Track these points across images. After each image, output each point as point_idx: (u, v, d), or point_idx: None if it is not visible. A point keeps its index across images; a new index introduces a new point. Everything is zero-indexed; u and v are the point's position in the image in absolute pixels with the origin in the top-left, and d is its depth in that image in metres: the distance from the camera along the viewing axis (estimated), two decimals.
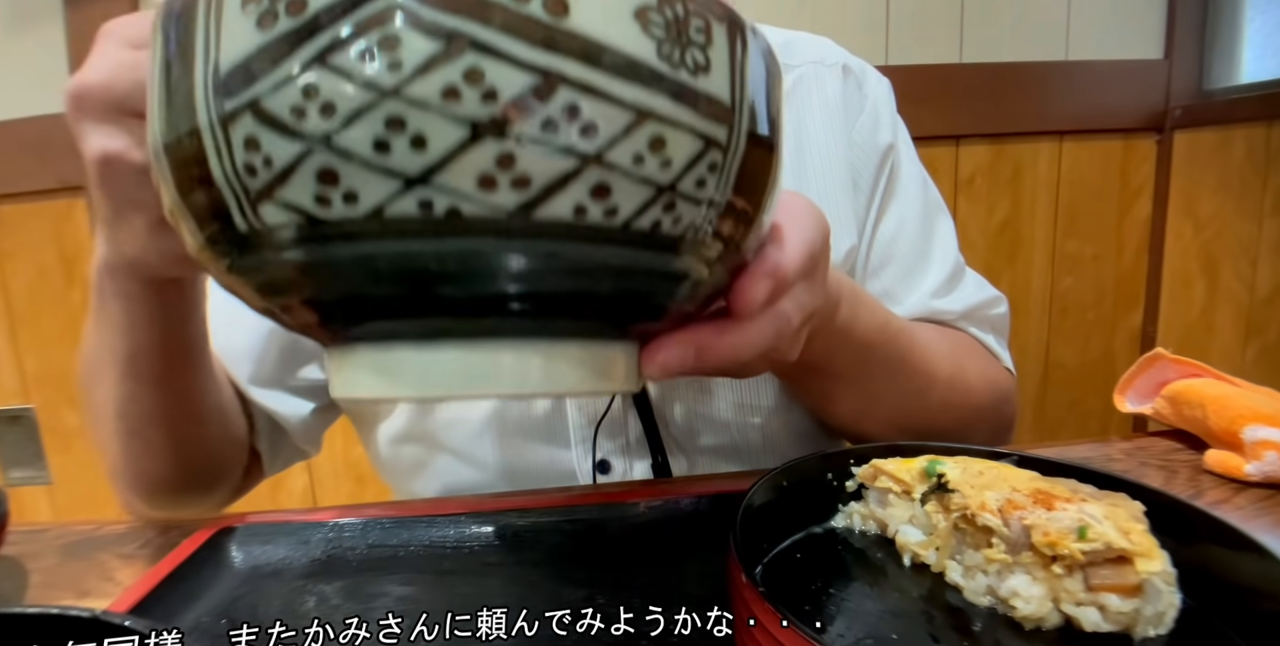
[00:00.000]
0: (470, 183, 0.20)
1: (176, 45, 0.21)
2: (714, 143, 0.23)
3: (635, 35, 0.20)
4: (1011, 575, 0.33)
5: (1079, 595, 0.31)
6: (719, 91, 0.23)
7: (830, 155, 0.61)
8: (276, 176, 0.20)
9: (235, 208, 0.21)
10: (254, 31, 0.19)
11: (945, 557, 0.36)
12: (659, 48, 0.21)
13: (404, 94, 0.19)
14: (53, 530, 0.48)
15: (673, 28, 0.21)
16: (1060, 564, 0.31)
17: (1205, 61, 1.40)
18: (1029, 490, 0.35)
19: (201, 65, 0.20)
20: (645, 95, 0.21)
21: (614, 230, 0.22)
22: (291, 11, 0.19)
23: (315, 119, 0.19)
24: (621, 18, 0.20)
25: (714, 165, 0.23)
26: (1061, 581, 0.31)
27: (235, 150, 0.20)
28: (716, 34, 0.23)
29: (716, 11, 0.23)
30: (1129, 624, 0.31)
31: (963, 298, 0.62)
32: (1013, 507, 0.34)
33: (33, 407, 1.36)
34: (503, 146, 0.19)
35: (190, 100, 0.21)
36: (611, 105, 0.20)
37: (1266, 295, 1.45)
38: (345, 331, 0.25)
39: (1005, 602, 0.33)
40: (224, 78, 0.20)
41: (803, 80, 0.63)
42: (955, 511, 0.35)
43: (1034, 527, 0.32)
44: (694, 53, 0.22)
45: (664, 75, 0.21)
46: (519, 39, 0.19)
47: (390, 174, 0.19)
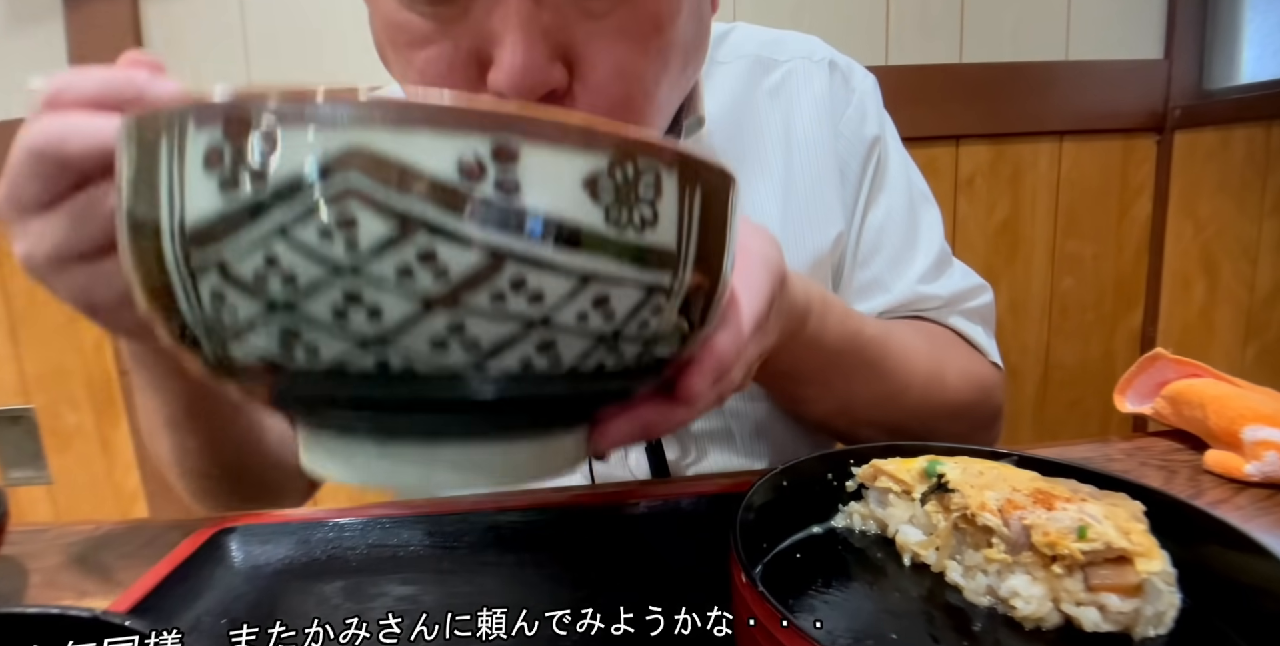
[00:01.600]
0: (423, 345, 0.21)
1: (142, 182, 0.22)
2: (658, 289, 0.24)
3: (584, 205, 0.21)
4: (1011, 575, 0.33)
5: (1079, 595, 0.31)
6: (666, 242, 0.23)
7: (818, 148, 0.63)
8: (241, 327, 0.21)
9: (203, 339, 0.22)
10: (217, 195, 0.20)
11: (945, 557, 0.36)
12: (607, 214, 0.21)
13: (361, 272, 0.20)
14: (53, 530, 0.48)
15: (622, 190, 0.22)
16: (1060, 564, 0.31)
17: (1205, 61, 1.39)
18: (1029, 490, 0.35)
19: (167, 212, 0.21)
20: (591, 261, 0.22)
21: (560, 374, 0.23)
22: (252, 181, 0.19)
23: (277, 286, 0.20)
24: (571, 191, 0.21)
25: (658, 308, 0.24)
26: (1061, 581, 0.31)
27: (203, 299, 0.21)
28: (666, 186, 0.23)
29: (667, 159, 0.23)
30: (1129, 624, 0.31)
31: (949, 284, 0.64)
32: (1013, 507, 0.34)
33: (33, 407, 1.36)
34: (454, 316, 0.21)
35: (158, 242, 0.21)
36: (558, 275, 0.21)
37: (1266, 295, 1.45)
38: (308, 423, 0.26)
39: (1005, 602, 0.33)
40: (190, 232, 0.20)
41: (791, 75, 0.64)
42: (955, 511, 0.35)
43: (1034, 527, 0.32)
44: (642, 210, 0.22)
45: (610, 239, 0.22)
46: (470, 221, 0.20)
47: (348, 336, 0.21)
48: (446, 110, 0.20)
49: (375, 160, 0.19)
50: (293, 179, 0.19)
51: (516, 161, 0.20)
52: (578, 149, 0.21)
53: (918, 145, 1.39)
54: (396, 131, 0.19)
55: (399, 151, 0.19)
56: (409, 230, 0.19)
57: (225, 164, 0.20)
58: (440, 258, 0.20)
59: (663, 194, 0.23)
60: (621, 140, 0.22)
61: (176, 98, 0.32)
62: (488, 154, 0.20)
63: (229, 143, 0.20)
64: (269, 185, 0.19)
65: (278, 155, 0.19)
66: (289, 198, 0.19)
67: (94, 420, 1.36)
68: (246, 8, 1.25)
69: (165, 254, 0.21)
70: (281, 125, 0.19)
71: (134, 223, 0.22)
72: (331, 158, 0.19)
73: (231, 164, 0.20)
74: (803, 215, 0.62)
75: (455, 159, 0.19)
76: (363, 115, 0.19)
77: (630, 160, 0.22)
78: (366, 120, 0.19)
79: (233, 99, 0.20)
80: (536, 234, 0.20)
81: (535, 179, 0.20)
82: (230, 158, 0.20)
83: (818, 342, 0.46)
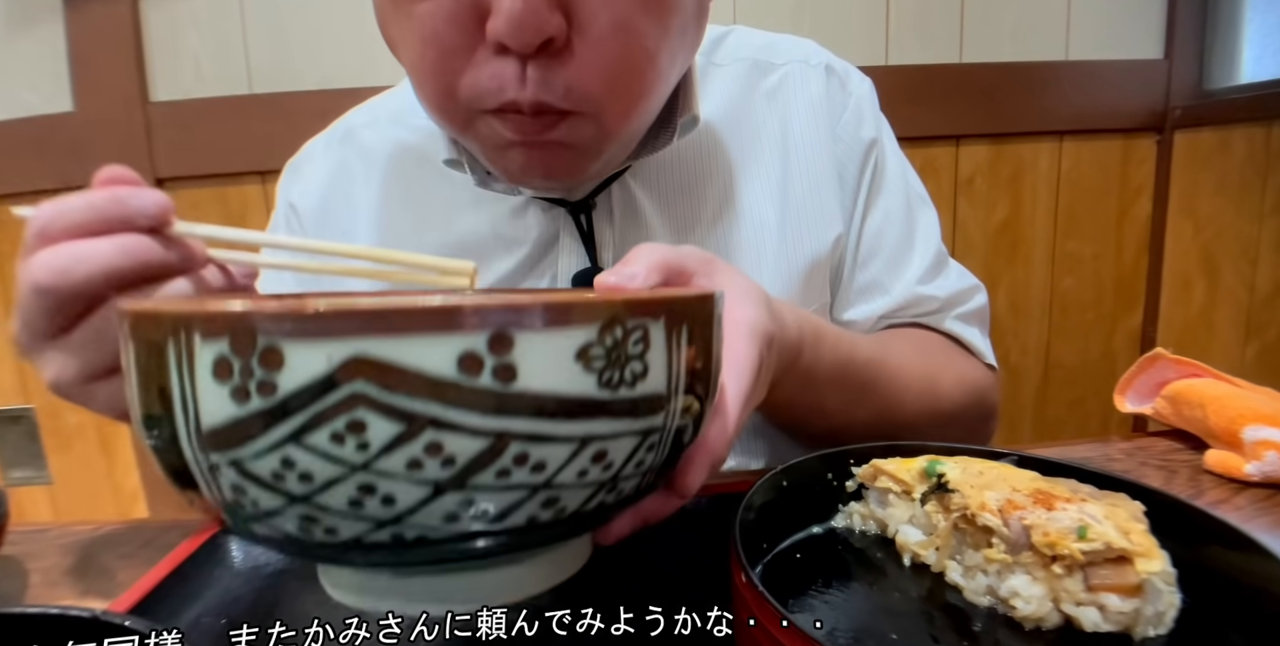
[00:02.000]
0: (436, 520, 0.22)
1: (152, 382, 0.22)
2: (653, 430, 0.25)
3: (578, 376, 0.22)
4: (1011, 575, 0.33)
5: (1079, 595, 0.31)
6: (657, 388, 0.24)
7: (815, 150, 0.63)
8: (261, 514, 0.23)
9: (225, 514, 0.24)
10: (229, 403, 0.21)
11: (945, 557, 0.36)
12: (599, 378, 0.23)
13: (373, 467, 0.21)
14: (53, 530, 0.48)
15: (613, 354, 0.23)
16: (1060, 564, 0.31)
17: (1205, 61, 1.39)
18: (1029, 490, 0.35)
19: (181, 413, 0.22)
20: (588, 425, 0.23)
21: (564, 519, 0.25)
22: (263, 393, 0.20)
23: (294, 482, 0.21)
24: (565, 365, 0.22)
25: (653, 445, 0.25)
26: (1061, 581, 0.31)
27: (223, 488, 0.22)
28: (654, 336, 0.24)
29: (653, 311, 0.24)
30: (1129, 624, 0.31)
31: (946, 285, 0.64)
32: (1013, 507, 0.34)
33: (33, 407, 1.36)
34: (462, 495, 0.22)
35: (174, 436, 0.22)
36: (557, 444, 0.22)
37: (1266, 295, 1.45)
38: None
39: (1005, 602, 0.33)
40: (205, 434, 0.21)
41: (788, 78, 0.65)
42: (955, 511, 0.35)
43: (1034, 527, 0.32)
44: (633, 366, 0.23)
45: (605, 401, 0.23)
46: (473, 410, 0.21)
47: (364, 519, 0.22)
48: (443, 311, 0.20)
49: (379, 367, 0.20)
50: (301, 390, 0.20)
51: (511, 349, 0.21)
52: (569, 325, 0.22)
53: (918, 145, 1.39)
54: (397, 338, 0.20)
55: (401, 356, 0.20)
56: (416, 427, 0.21)
57: (235, 376, 0.20)
58: (446, 448, 0.21)
59: (651, 345, 0.24)
60: (608, 306, 0.23)
61: (160, 206, 0.34)
62: (484, 347, 0.21)
63: (236, 356, 0.20)
64: (279, 396, 0.20)
65: (285, 369, 0.20)
66: (299, 407, 0.20)
67: (94, 420, 1.36)
68: (246, 8, 1.25)
69: (183, 448, 0.22)
70: (286, 340, 0.20)
71: (148, 416, 0.23)
72: (337, 368, 0.20)
73: (240, 376, 0.20)
74: (801, 218, 0.62)
75: (454, 356, 0.20)
76: (363, 326, 0.20)
77: (618, 323, 0.23)
78: (367, 330, 0.20)
79: (236, 313, 0.20)
80: (535, 413, 0.22)
81: (530, 362, 0.21)
82: (239, 370, 0.20)
83: (811, 375, 0.46)
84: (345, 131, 0.68)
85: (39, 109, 1.26)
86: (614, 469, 0.24)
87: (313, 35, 1.26)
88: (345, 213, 0.65)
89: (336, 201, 0.65)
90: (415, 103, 0.56)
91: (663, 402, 0.25)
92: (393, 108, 0.67)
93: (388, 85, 0.72)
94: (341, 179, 0.66)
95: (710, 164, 0.62)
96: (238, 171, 1.27)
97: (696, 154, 0.62)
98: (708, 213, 0.61)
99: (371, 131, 0.66)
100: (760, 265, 0.61)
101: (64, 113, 1.25)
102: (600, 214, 0.59)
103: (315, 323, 0.20)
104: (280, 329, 0.20)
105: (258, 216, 1.28)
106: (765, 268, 0.61)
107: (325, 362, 0.20)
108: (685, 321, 0.25)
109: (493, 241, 0.61)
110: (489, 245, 0.61)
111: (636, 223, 0.60)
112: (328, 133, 0.69)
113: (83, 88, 1.24)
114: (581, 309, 0.22)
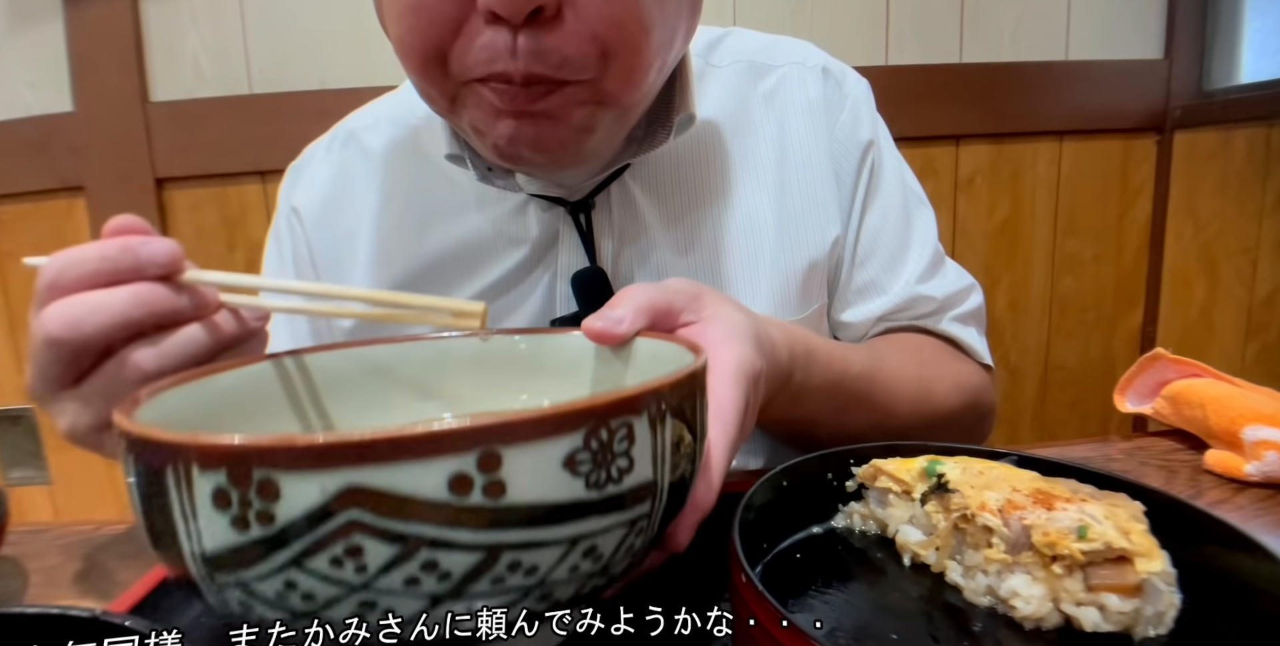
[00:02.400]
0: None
1: (155, 505, 0.23)
2: (641, 517, 0.25)
3: (566, 482, 0.23)
4: (1011, 575, 0.33)
5: (1079, 595, 0.31)
6: (644, 478, 0.25)
7: (812, 152, 0.63)
8: (267, 623, 0.24)
9: (236, 615, 0.24)
10: (230, 530, 0.21)
11: (945, 557, 0.36)
12: (587, 481, 0.23)
13: (372, 587, 0.22)
14: (53, 530, 0.48)
15: (599, 456, 0.23)
16: (1060, 564, 0.31)
17: (1205, 61, 1.39)
18: (1029, 490, 0.35)
19: (184, 535, 0.22)
20: (578, 525, 0.23)
21: (558, 606, 0.25)
22: (262, 522, 0.21)
23: (297, 601, 0.22)
24: (552, 474, 0.22)
25: (641, 530, 0.26)
26: (1061, 581, 0.31)
27: (229, 601, 0.23)
28: (639, 431, 0.24)
29: (637, 407, 0.24)
30: (1129, 624, 0.31)
31: (943, 285, 0.65)
32: (1013, 507, 0.34)
33: (33, 407, 1.36)
34: (460, 603, 0.23)
35: (179, 553, 0.23)
36: (548, 547, 0.23)
37: (1266, 295, 1.45)
38: None
39: (1005, 602, 0.33)
40: (209, 557, 0.22)
41: (785, 80, 0.65)
42: (955, 511, 0.35)
43: (1034, 527, 0.32)
44: (619, 463, 0.24)
45: (593, 501, 0.23)
46: (465, 528, 0.22)
47: (366, 629, 0.23)
48: (431, 438, 0.21)
49: (373, 495, 0.21)
50: (299, 519, 0.21)
51: (500, 466, 0.21)
52: (555, 435, 0.22)
53: (918, 145, 1.39)
54: (389, 467, 0.20)
55: (393, 483, 0.21)
56: (411, 547, 0.21)
57: (234, 506, 0.21)
58: (442, 564, 0.22)
59: (636, 439, 0.24)
60: (592, 412, 0.23)
61: (172, 255, 0.34)
62: (473, 467, 0.21)
63: (234, 488, 0.21)
64: (277, 525, 0.21)
65: (282, 500, 0.21)
66: (298, 535, 0.21)
67: None
68: (246, 8, 1.25)
69: (188, 565, 0.23)
70: (281, 472, 0.21)
71: (152, 530, 0.23)
72: (332, 498, 0.21)
73: (239, 506, 0.21)
74: (798, 219, 0.62)
75: (445, 479, 0.21)
76: (355, 456, 0.20)
77: (603, 426, 0.23)
78: (359, 460, 0.20)
79: (231, 448, 0.21)
80: (526, 523, 0.22)
81: (519, 476, 0.22)
82: (238, 501, 0.21)
83: (802, 394, 0.47)
84: (346, 134, 0.68)
85: (39, 109, 1.26)
86: (604, 560, 0.25)
87: (313, 35, 1.26)
88: (348, 215, 0.65)
89: (338, 204, 0.65)
90: (415, 103, 0.55)
91: (650, 490, 0.25)
92: (393, 110, 0.67)
93: (388, 85, 0.72)
94: (343, 181, 0.66)
95: (708, 164, 0.62)
96: (237, 171, 1.27)
97: (695, 154, 0.62)
98: (706, 213, 0.61)
99: (372, 134, 0.66)
100: (758, 266, 0.61)
101: (64, 113, 1.25)
102: (600, 213, 0.59)
103: (308, 455, 0.20)
104: (275, 462, 0.20)
105: (257, 216, 1.28)
106: (763, 268, 0.61)
107: (320, 494, 0.20)
108: (669, 407, 0.25)
109: (494, 240, 0.61)
110: (490, 244, 0.61)
111: (635, 222, 0.60)
112: (329, 136, 0.69)
113: (83, 88, 1.24)
114: (567, 418, 0.22)
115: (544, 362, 0.38)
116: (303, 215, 0.66)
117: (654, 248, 0.60)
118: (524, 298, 0.61)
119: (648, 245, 0.61)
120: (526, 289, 0.61)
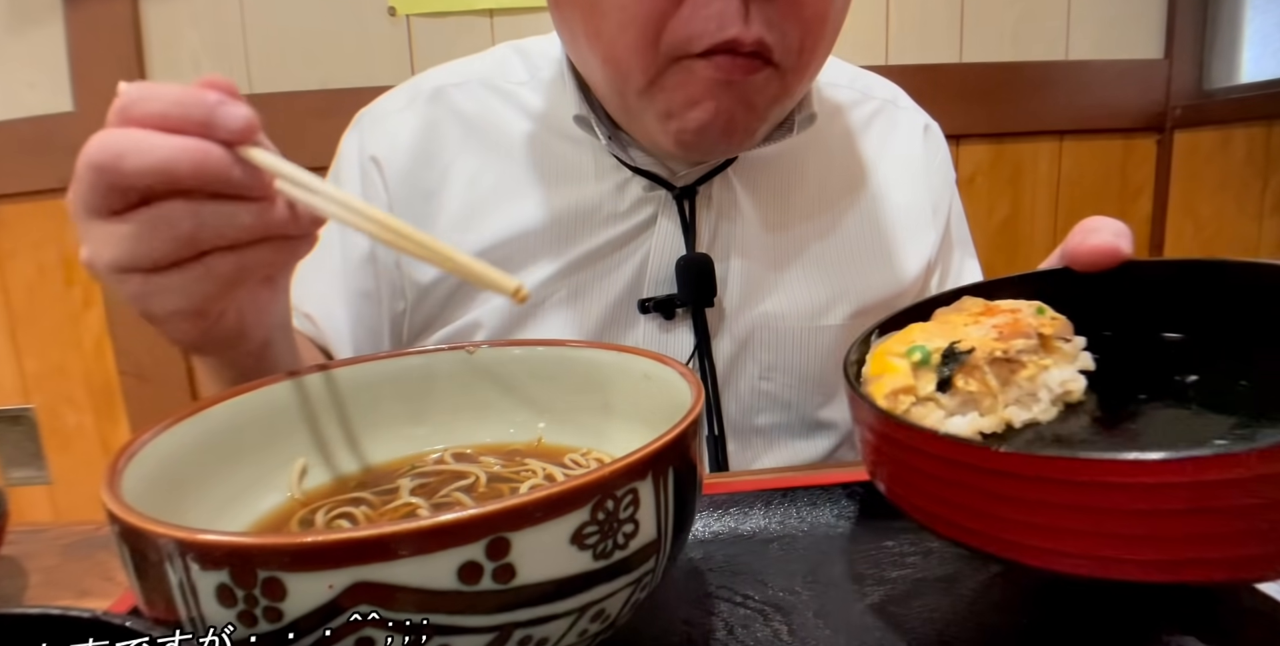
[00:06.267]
0: None
1: (157, 594, 0.23)
2: (647, 573, 0.25)
3: (574, 557, 0.23)
4: (1048, 372, 0.35)
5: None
6: (649, 537, 0.25)
7: (911, 183, 0.67)
8: None
9: None
10: (238, 624, 0.21)
11: (1002, 408, 0.34)
12: (595, 551, 0.23)
13: None
14: (53, 530, 0.48)
15: (605, 525, 0.23)
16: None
17: (1205, 61, 1.39)
18: (979, 310, 0.37)
19: (189, 624, 0.22)
20: (586, 595, 0.23)
21: None
22: (269, 618, 0.21)
23: None
24: (561, 551, 0.22)
25: (645, 585, 0.26)
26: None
27: None
28: (644, 494, 0.24)
29: (642, 471, 0.24)
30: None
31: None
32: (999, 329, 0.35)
33: (33, 407, 1.36)
34: None
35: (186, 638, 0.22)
36: (559, 619, 0.23)
37: None
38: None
39: (1070, 394, 0.35)
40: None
41: (880, 115, 0.68)
42: (983, 362, 0.34)
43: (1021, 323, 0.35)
44: (625, 529, 0.24)
45: (601, 570, 0.23)
46: (475, 613, 0.21)
47: None
48: (439, 531, 0.21)
49: (381, 589, 0.20)
50: (308, 615, 0.21)
51: (509, 551, 0.21)
52: (563, 513, 0.22)
53: None
54: (395, 562, 0.20)
55: (401, 578, 0.20)
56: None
57: (239, 603, 0.21)
58: None
59: (641, 503, 0.24)
60: (599, 485, 0.23)
61: (245, 121, 0.32)
62: (482, 555, 0.21)
63: (239, 587, 0.21)
64: (286, 621, 0.21)
65: (289, 597, 0.20)
66: (308, 629, 0.21)
67: (94, 420, 1.36)
68: (246, 8, 1.25)
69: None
70: (286, 572, 0.20)
71: (157, 620, 0.23)
72: (340, 595, 0.20)
73: (245, 603, 0.21)
74: (891, 245, 0.64)
75: (454, 569, 0.21)
76: (361, 554, 0.20)
77: (609, 498, 0.23)
78: (366, 558, 0.20)
79: (232, 547, 0.21)
80: (535, 601, 0.22)
81: (528, 558, 0.22)
82: (243, 598, 0.21)
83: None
84: (433, 90, 0.64)
85: (39, 109, 1.26)
86: (611, 619, 0.25)
87: (313, 35, 1.26)
88: (434, 174, 0.62)
89: (427, 161, 0.62)
90: (507, 67, 0.58)
91: (655, 547, 0.25)
92: (483, 73, 0.65)
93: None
94: (431, 138, 0.63)
95: (803, 172, 0.63)
96: None
97: (793, 160, 0.63)
98: (798, 218, 0.63)
99: (463, 93, 0.64)
100: (846, 284, 0.62)
101: (64, 113, 1.25)
102: (700, 202, 0.60)
103: (313, 555, 0.20)
104: (279, 562, 0.20)
105: None
106: (850, 288, 0.63)
107: (328, 591, 0.20)
108: (670, 467, 0.25)
109: (588, 215, 0.60)
110: (583, 218, 0.60)
111: (732, 216, 0.61)
112: (409, 88, 0.66)
113: (83, 88, 1.24)
114: (573, 495, 0.22)
115: (528, 379, 0.38)
116: (384, 166, 0.62)
117: (747, 245, 0.61)
118: (609, 273, 0.60)
119: (741, 241, 0.61)
120: (613, 265, 0.60)
